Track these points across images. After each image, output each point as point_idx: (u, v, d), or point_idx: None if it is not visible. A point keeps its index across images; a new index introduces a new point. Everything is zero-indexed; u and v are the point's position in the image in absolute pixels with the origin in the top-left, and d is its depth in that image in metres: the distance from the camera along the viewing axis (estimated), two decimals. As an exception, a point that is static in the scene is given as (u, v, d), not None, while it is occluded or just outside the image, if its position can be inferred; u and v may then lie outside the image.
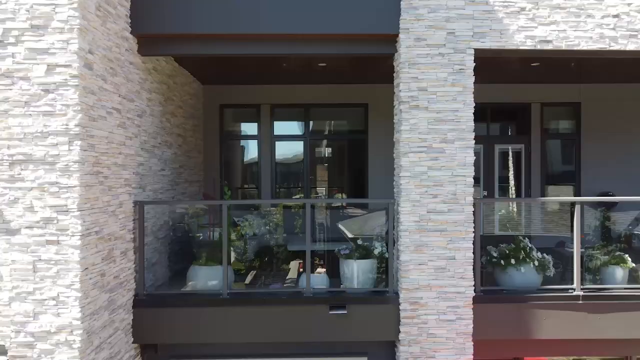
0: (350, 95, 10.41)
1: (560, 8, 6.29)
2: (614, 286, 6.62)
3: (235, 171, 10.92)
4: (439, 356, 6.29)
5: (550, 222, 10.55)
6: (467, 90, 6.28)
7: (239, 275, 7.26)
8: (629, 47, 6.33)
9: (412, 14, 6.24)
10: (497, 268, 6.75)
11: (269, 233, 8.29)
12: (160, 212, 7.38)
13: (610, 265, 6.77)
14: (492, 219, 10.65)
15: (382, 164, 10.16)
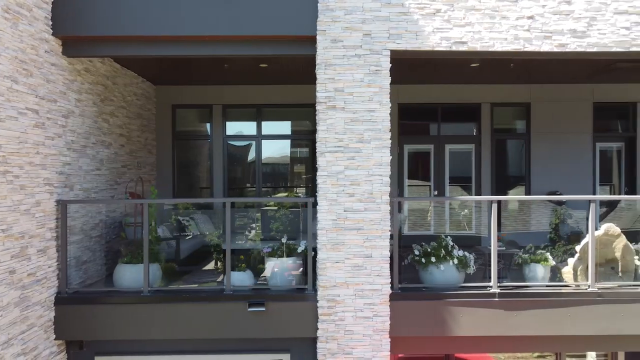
0: (300, 95, 10.49)
1: (475, 10, 6.39)
2: (531, 284, 6.72)
3: (197, 171, 11.01)
4: (356, 352, 6.39)
5: (507, 219, 10.68)
6: (383, 91, 6.38)
7: (174, 274, 7.37)
8: (543, 48, 6.43)
9: (328, 15, 6.34)
10: (420, 266, 6.85)
11: (203, 232, 8.41)
12: (95, 211, 7.49)
13: (532, 263, 6.86)
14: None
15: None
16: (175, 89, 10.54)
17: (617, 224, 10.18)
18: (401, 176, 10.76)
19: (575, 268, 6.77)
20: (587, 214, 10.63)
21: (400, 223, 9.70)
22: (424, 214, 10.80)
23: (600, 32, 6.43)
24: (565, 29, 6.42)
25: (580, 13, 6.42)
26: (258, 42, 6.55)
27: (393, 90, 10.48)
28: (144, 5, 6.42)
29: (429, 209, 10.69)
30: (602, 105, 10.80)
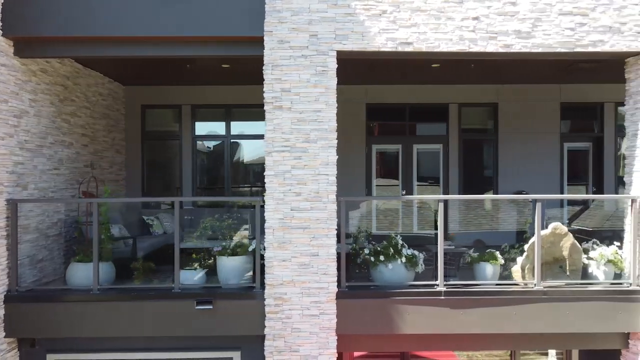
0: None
1: (420, 11, 6.45)
2: (477, 282, 6.78)
3: (167, 171, 11.06)
4: (303, 350, 6.45)
5: (481, 218, 10.76)
6: (329, 91, 6.44)
7: (130, 271, 7.42)
8: (488, 49, 6.49)
9: (275, 17, 6.40)
10: (370, 265, 6.90)
11: (163, 232, 8.47)
12: (53, 211, 7.56)
13: (481, 262, 6.92)
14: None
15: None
16: (145, 89, 10.60)
17: (590, 223, 10.30)
18: (369, 176, 10.82)
19: (523, 267, 6.83)
20: (562, 212, 10.76)
21: (359, 221, 9.80)
22: (394, 214, 10.88)
23: (545, 33, 6.50)
24: (510, 29, 6.48)
25: (525, 14, 6.48)
26: (207, 43, 6.62)
27: (361, 91, 10.69)
28: (93, 6, 6.49)
29: (398, 209, 10.77)
30: (569, 105, 10.87)
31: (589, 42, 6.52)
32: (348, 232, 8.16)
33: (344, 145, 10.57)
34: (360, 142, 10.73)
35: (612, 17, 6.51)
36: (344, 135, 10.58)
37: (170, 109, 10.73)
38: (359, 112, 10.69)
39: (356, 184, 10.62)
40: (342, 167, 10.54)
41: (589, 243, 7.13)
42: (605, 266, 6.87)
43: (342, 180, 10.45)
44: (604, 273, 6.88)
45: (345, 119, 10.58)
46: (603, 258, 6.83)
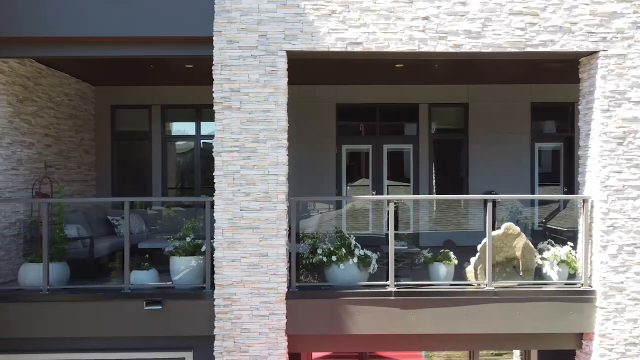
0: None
1: (370, 11, 6.45)
2: (427, 282, 6.77)
3: (137, 171, 11.05)
4: (252, 350, 6.44)
5: (446, 218, 10.75)
6: (279, 91, 6.43)
7: (87, 272, 7.43)
8: (438, 49, 6.48)
9: (224, 17, 6.40)
10: (324, 265, 6.89)
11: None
12: (10, 211, 7.56)
13: (435, 262, 6.91)
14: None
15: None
16: (115, 89, 10.61)
17: (565, 223, 10.29)
18: (339, 176, 10.81)
19: (476, 267, 6.82)
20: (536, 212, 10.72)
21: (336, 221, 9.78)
22: (364, 214, 10.87)
23: (495, 33, 6.49)
24: (460, 29, 6.47)
25: (475, 14, 6.47)
26: (157, 43, 6.63)
27: (332, 91, 10.68)
28: (45, 6, 6.49)
29: (368, 209, 10.76)
30: (540, 105, 10.86)
31: (539, 42, 6.50)
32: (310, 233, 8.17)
33: (314, 145, 10.70)
34: (331, 143, 10.73)
35: (562, 17, 6.50)
36: (314, 135, 10.69)
37: (140, 109, 10.72)
38: (329, 113, 10.69)
39: (326, 184, 10.62)
40: (312, 167, 10.67)
41: (544, 243, 7.11)
42: (559, 266, 6.86)
43: (312, 180, 10.57)
44: (558, 273, 6.86)
45: (315, 120, 10.68)
46: (556, 258, 6.82)
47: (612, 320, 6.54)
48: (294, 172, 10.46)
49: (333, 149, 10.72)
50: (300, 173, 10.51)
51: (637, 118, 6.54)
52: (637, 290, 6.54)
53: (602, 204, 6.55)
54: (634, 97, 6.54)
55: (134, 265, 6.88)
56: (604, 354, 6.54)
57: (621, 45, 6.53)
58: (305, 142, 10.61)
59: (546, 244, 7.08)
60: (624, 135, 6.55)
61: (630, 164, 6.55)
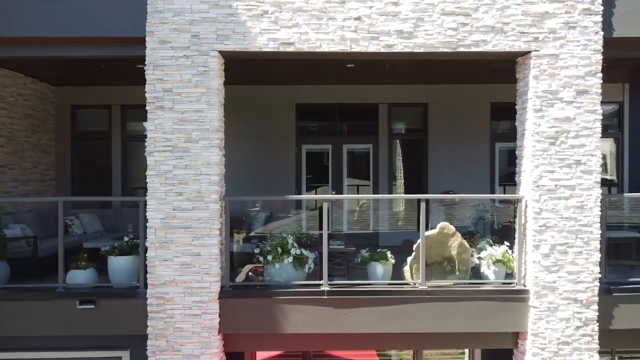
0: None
1: (302, 11, 6.47)
2: (363, 282, 6.78)
3: (97, 171, 11.07)
4: (185, 350, 6.47)
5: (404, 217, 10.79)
6: (211, 91, 6.46)
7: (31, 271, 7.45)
8: (370, 49, 6.50)
9: (157, 17, 6.42)
10: (263, 264, 6.91)
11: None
12: (-46, 210, 7.59)
13: (372, 261, 6.93)
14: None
15: (236, 163, 10.44)
16: (75, 89, 10.62)
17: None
18: (299, 176, 10.83)
19: (411, 266, 6.84)
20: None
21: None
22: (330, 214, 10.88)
23: (427, 33, 6.51)
24: (392, 29, 6.49)
25: (407, 14, 6.49)
26: (92, 43, 6.65)
27: (291, 91, 10.69)
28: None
29: (329, 210, 10.76)
30: (500, 105, 10.81)
31: (471, 42, 6.52)
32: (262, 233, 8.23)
33: (274, 146, 10.71)
34: (290, 143, 10.74)
35: (495, 18, 6.52)
36: (274, 136, 10.71)
37: (100, 109, 10.74)
38: (288, 113, 10.71)
39: (286, 184, 10.63)
40: (272, 167, 10.68)
41: (483, 242, 7.13)
42: (496, 266, 6.88)
43: (272, 180, 10.58)
44: (495, 273, 6.88)
45: (275, 120, 10.70)
46: (491, 258, 6.84)
47: (545, 319, 6.55)
48: (255, 172, 10.58)
49: (293, 149, 10.74)
50: (259, 173, 10.58)
51: (569, 118, 6.56)
52: (569, 289, 6.56)
53: (534, 203, 6.56)
54: (566, 97, 6.56)
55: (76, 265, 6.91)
56: (537, 353, 6.56)
57: (553, 45, 6.55)
58: (264, 142, 10.67)
59: (484, 243, 7.10)
60: (556, 135, 6.57)
61: (563, 163, 6.57)
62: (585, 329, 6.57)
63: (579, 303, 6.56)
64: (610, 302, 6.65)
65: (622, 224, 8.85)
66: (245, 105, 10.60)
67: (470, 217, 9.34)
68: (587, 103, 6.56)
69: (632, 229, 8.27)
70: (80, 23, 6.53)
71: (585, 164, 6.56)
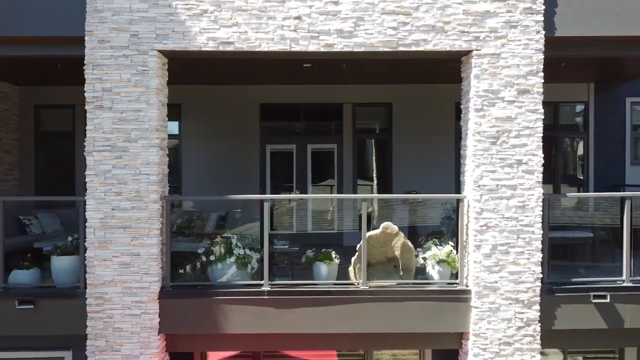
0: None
1: (242, 10, 6.45)
2: (304, 282, 6.77)
3: (62, 170, 11.05)
4: (124, 350, 6.45)
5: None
6: (150, 90, 6.44)
7: None
8: (310, 48, 6.49)
9: (96, 16, 6.41)
10: (206, 264, 6.90)
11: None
12: None
13: (317, 261, 6.91)
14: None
15: (199, 164, 10.46)
16: (40, 89, 10.61)
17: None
18: (263, 176, 10.80)
19: (355, 266, 6.81)
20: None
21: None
22: (289, 214, 10.86)
23: (367, 32, 6.49)
24: (332, 29, 6.48)
25: (347, 13, 6.47)
26: (29, 43, 6.62)
27: (255, 91, 10.66)
28: None
29: (292, 209, 10.75)
30: (465, 105, 10.81)
31: (412, 41, 6.50)
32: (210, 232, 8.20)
33: (238, 145, 10.69)
34: (254, 143, 10.72)
35: (435, 17, 6.50)
36: (238, 135, 10.69)
37: (64, 108, 10.72)
38: (252, 112, 10.68)
39: (250, 184, 10.60)
40: (236, 168, 10.66)
41: (429, 242, 7.11)
42: (440, 266, 6.85)
43: (237, 180, 10.55)
44: (439, 273, 6.86)
45: (239, 120, 10.68)
46: (434, 258, 6.82)
47: (486, 319, 6.53)
48: (219, 172, 10.56)
49: (257, 149, 10.72)
50: (223, 174, 10.57)
51: (510, 117, 6.54)
52: (511, 289, 6.53)
53: (475, 203, 6.54)
54: (508, 97, 6.54)
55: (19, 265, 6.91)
56: (478, 353, 6.54)
57: (494, 44, 6.53)
58: (229, 142, 10.65)
59: (430, 243, 7.08)
60: (497, 134, 6.55)
61: (504, 163, 6.54)
62: (527, 329, 6.54)
63: (521, 303, 6.54)
64: (553, 302, 6.62)
65: (582, 225, 8.82)
66: (209, 106, 10.59)
67: (440, 217, 9.32)
68: (528, 102, 6.54)
69: (586, 229, 8.23)
70: (19, 22, 6.50)
71: (527, 163, 6.54)
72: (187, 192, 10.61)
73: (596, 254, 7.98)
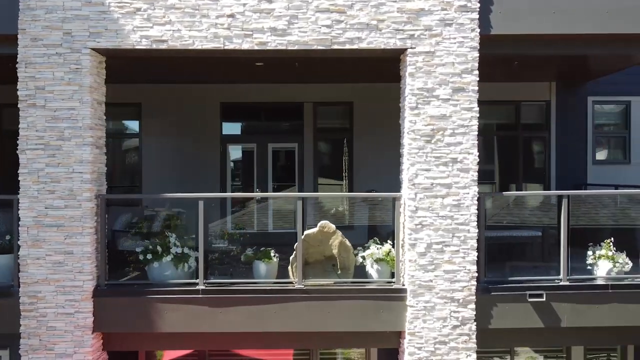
0: (123, 95, 10.55)
1: (175, 8, 6.44)
2: (242, 280, 6.77)
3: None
4: (58, 348, 6.44)
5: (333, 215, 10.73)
6: (83, 89, 6.43)
7: None
8: (244, 47, 6.47)
9: (28, 14, 6.40)
10: (143, 262, 6.86)
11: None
12: None
13: (256, 260, 6.89)
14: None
15: (160, 163, 10.47)
16: (4, 88, 10.58)
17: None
18: (224, 176, 10.79)
19: (292, 265, 6.79)
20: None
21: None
22: (251, 214, 10.88)
23: (301, 30, 6.47)
24: (266, 27, 6.46)
25: (281, 11, 6.45)
26: (-36, 41, 6.62)
27: (216, 90, 10.65)
28: None
29: (253, 210, 10.77)
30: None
31: (346, 39, 6.49)
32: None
33: (198, 145, 10.68)
34: (215, 142, 10.71)
35: (370, 15, 6.48)
36: (198, 134, 10.69)
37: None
38: (213, 111, 10.68)
39: (211, 184, 10.58)
40: (198, 167, 10.64)
41: (370, 242, 7.09)
42: (379, 265, 6.83)
43: (198, 180, 10.53)
44: (378, 272, 6.84)
45: (199, 119, 10.67)
46: (372, 257, 6.80)
47: (422, 318, 6.51)
48: (180, 172, 10.55)
49: (218, 149, 10.71)
50: (184, 173, 10.56)
51: (445, 115, 6.52)
52: (446, 288, 6.51)
53: (410, 202, 6.53)
54: (443, 95, 6.52)
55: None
56: (413, 352, 6.52)
57: (429, 42, 6.51)
58: (190, 141, 10.64)
59: (371, 242, 7.06)
60: (432, 133, 6.53)
61: (439, 162, 6.53)
62: (463, 328, 6.52)
63: (456, 302, 6.52)
64: (489, 301, 6.59)
65: (533, 225, 8.81)
66: (170, 104, 10.59)
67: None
68: (463, 101, 6.52)
69: (537, 229, 8.22)
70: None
71: (462, 162, 6.52)
72: (147, 191, 10.59)
73: (543, 254, 7.96)
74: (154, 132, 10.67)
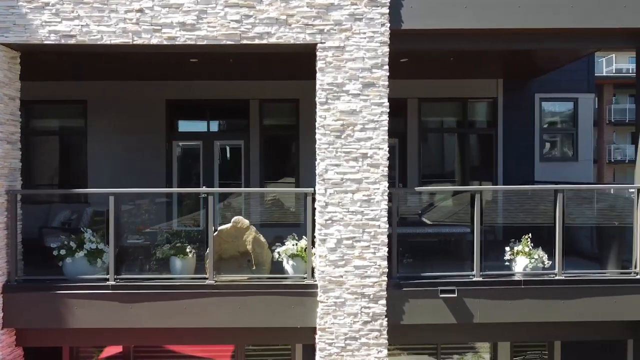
0: (68, 92, 10.57)
1: (84, 3, 6.42)
2: (153, 276, 6.77)
3: None
4: (-34, 344, 6.43)
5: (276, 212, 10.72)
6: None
7: None
8: (152, 41, 6.46)
9: (-64, 9, 6.39)
10: (57, 258, 6.84)
11: None
12: None
13: (172, 256, 6.88)
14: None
15: (105, 161, 10.45)
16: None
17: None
18: (170, 173, 10.77)
19: (206, 260, 6.78)
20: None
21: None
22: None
23: (210, 25, 6.45)
24: (175, 22, 6.44)
25: (190, 6, 6.44)
26: None
27: (162, 87, 10.63)
28: None
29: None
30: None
31: (255, 34, 6.47)
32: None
33: (144, 142, 10.66)
34: (161, 139, 10.69)
35: (279, 10, 6.46)
36: (144, 132, 10.66)
37: None
38: (158, 109, 10.66)
39: (156, 182, 10.56)
40: (143, 164, 10.60)
41: (289, 237, 7.06)
42: (294, 261, 6.82)
43: (141, 178, 10.50)
44: (293, 267, 6.83)
45: (144, 116, 10.65)
46: (286, 252, 6.78)
47: (332, 314, 6.49)
48: (127, 169, 10.53)
49: (163, 146, 10.69)
50: (130, 170, 10.53)
51: (355, 111, 6.50)
52: (357, 284, 6.49)
53: (320, 197, 6.51)
54: (352, 90, 6.49)
55: None
56: (324, 348, 6.50)
57: (339, 37, 6.49)
58: (135, 138, 10.62)
59: (290, 237, 7.03)
60: (342, 128, 6.51)
61: (349, 157, 6.51)
62: (374, 324, 6.50)
63: (367, 298, 6.50)
64: (401, 297, 6.57)
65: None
66: (116, 101, 10.56)
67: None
68: (373, 96, 6.50)
69: (466, 226, 8.18)
70: None
71: (372, 157, 6.50)
72: (93, 187, 10.57)
73: (465, 251, 7.93)
74: (101, 129, 10.66)
